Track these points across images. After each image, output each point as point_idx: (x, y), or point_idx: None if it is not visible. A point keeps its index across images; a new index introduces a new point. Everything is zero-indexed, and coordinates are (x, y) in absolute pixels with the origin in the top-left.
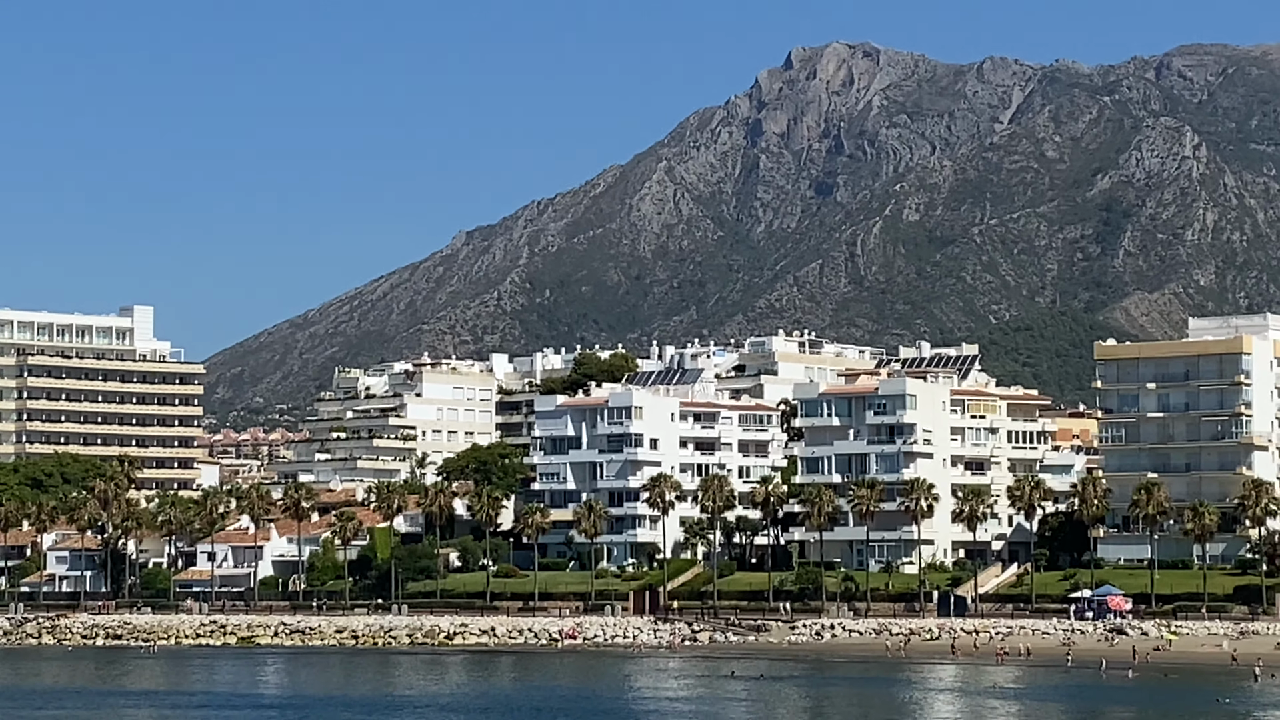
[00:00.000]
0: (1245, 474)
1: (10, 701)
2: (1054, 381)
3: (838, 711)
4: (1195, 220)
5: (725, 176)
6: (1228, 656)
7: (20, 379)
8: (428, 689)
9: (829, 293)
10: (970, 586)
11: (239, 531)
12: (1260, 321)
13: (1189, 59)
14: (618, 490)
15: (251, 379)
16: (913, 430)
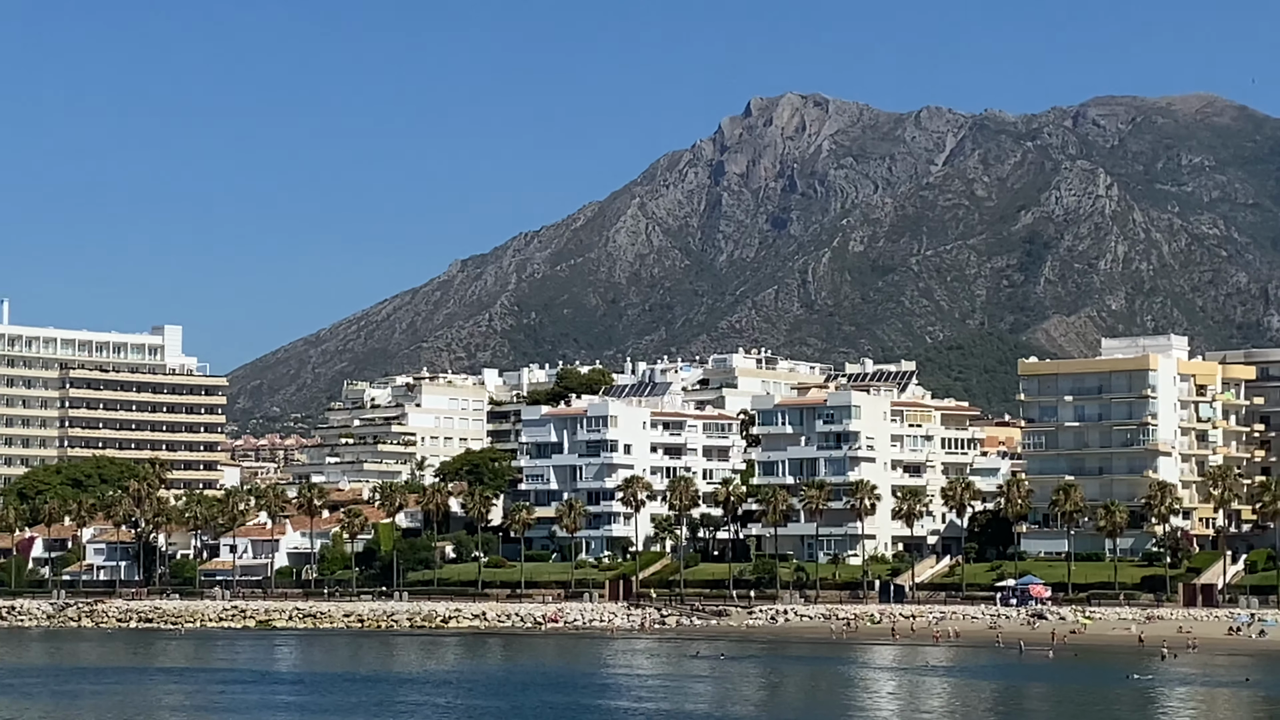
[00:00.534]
0: (1151, 477)
1: (54, 678)
2: (982, 394)
3: (790, 687)
4: (1108, 252)
5: (691, 212)
6: (1136, 639)
7: (63, 390)
8: (426, 667)
9: (783, 315)
10: (908, 576)
11: (258, 526)
12: (1165, 342)
13: (1102, 109)
14: (595, 490)
15: (269, 390)
16: (857, 437)
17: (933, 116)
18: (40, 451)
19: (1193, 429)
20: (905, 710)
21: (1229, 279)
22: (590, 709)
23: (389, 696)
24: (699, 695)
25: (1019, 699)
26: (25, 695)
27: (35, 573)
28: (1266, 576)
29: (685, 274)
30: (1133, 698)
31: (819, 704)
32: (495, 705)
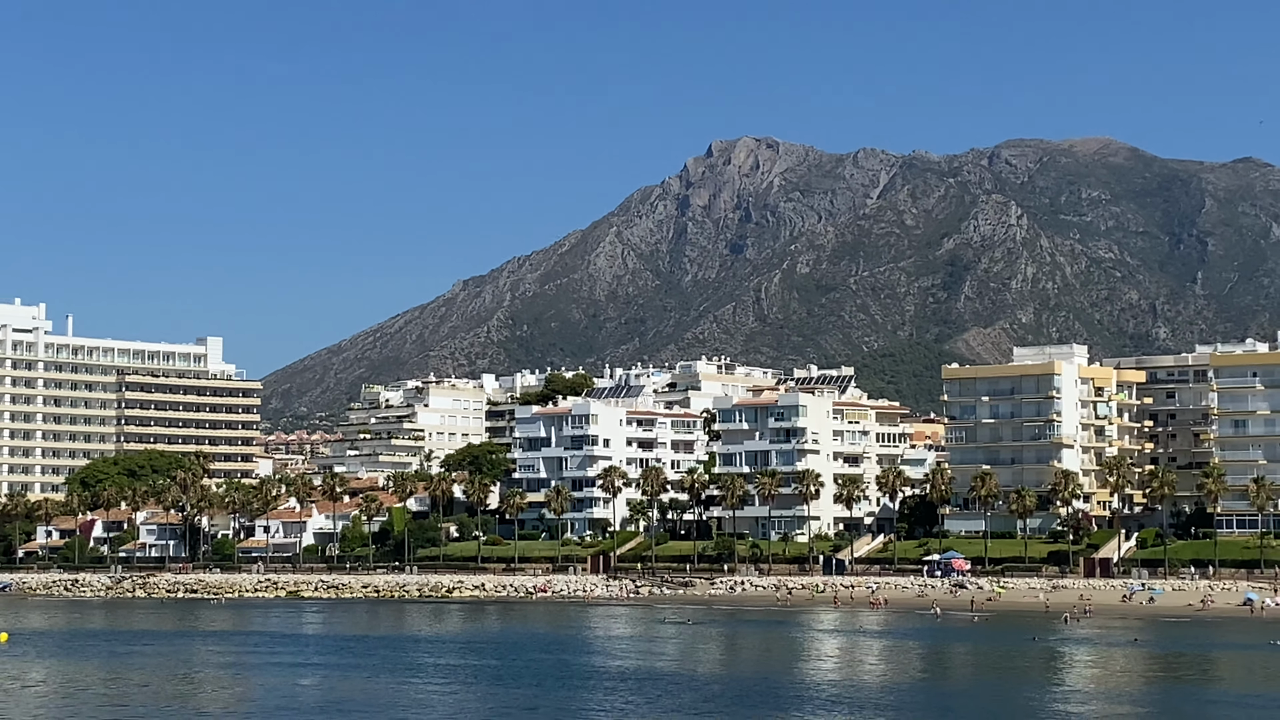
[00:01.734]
0: (1056, 466)
1: (112, 641)
2: (911, 396)
3: (746, 646)
4: (1019, 273)
5: (661, 239)
6: (1043, 605)
7: (119, 393)
8: (432, 630)
9: (740, 327)
10: (848, 552)
11: (288, 510)
12: (1068, 350)
13: (1014, 150)
14: (578, 478)
15: (297, 393)
16: (804, 433)
17: (868, 157)
18: (99, 446)
19: (1091, 425)
20: (845, 666)
21: (1122, 296)
22: (574, 666)
23: (401, 655)
24: (667, 654)
25: (943, 657)
26: (87, 656)
27: (95, 550)
28: (1155, 551)
29: (656, 292)
30: (1040, 655)
31: (771, 660)
32: (492, 663)
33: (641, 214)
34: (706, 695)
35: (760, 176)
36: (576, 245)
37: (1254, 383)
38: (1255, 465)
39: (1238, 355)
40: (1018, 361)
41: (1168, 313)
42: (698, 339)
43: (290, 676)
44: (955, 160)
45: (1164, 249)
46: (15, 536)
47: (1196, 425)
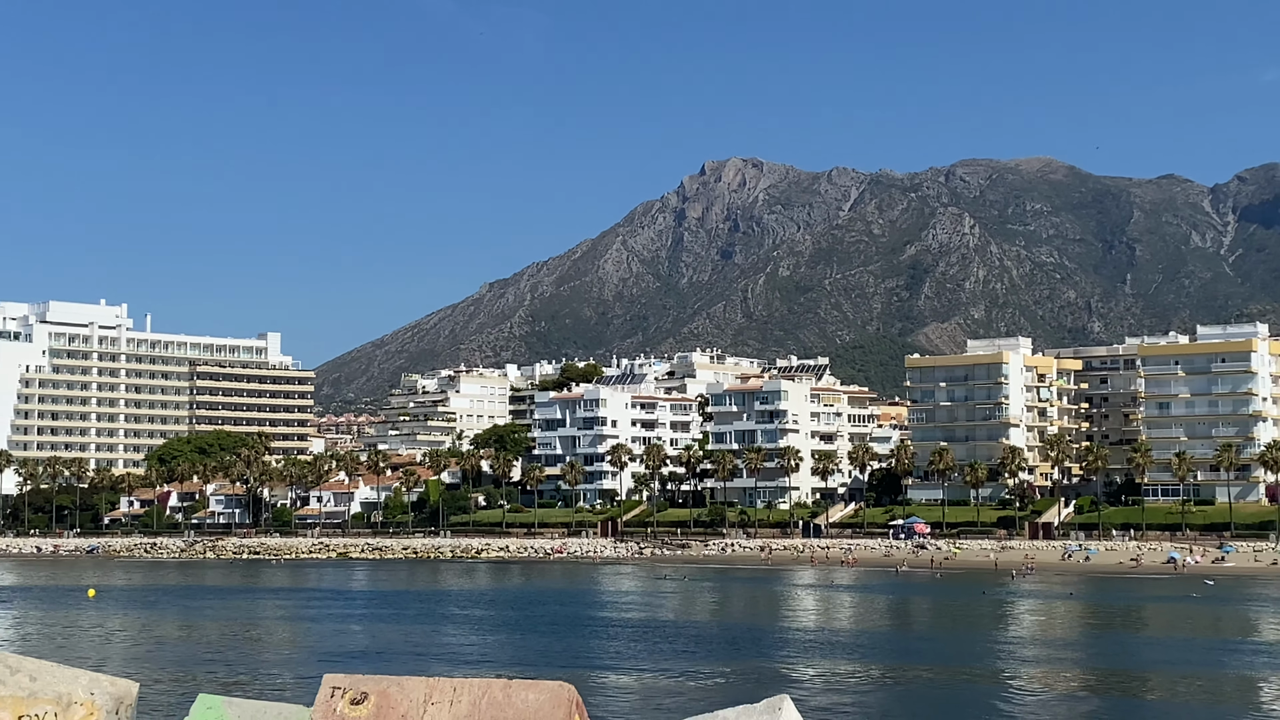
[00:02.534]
0: (1004, 443)
1: (186, 595)
2: (879, 382)
3: (735, 599)
4: (971, 275)
5: (661, 246)
6: (993, 564)
7: (191, 381)
8: (463, 585)
9: (730, 323)
10: (824, 517)
11: (338, 483)
12: (1014, 342)
13: (968, 168)
14: (590, 454)
15: (346, 381)
16: (785, 414)
17: (841, 174)
18: (174, 427)
19: (1035, 407)
20: (821, 616)
21: (1061, 295)
22: (586, 617)
23: (437, 608)
24: (667, 606)
25: (906, 608)
26: (163, 609)
27: (171, 518)
28: (1090, 516)
29: (656, 293)
30: (990, 606)
31: (758, 611)
32: (515, 614)
33: (644, 225)
34: (700, 641)
35: (747, 192)
36: (588, 252)
37: (1176, 370)
38: (1177, 442)
39: (1162, 346)
40: (971, 352)
41: (1101, 309)
42: (693, 333)
43: (340, 625)
44: (916, 177)
45: (1098, 254)
46: (102, 506)
47: (1126, 407)
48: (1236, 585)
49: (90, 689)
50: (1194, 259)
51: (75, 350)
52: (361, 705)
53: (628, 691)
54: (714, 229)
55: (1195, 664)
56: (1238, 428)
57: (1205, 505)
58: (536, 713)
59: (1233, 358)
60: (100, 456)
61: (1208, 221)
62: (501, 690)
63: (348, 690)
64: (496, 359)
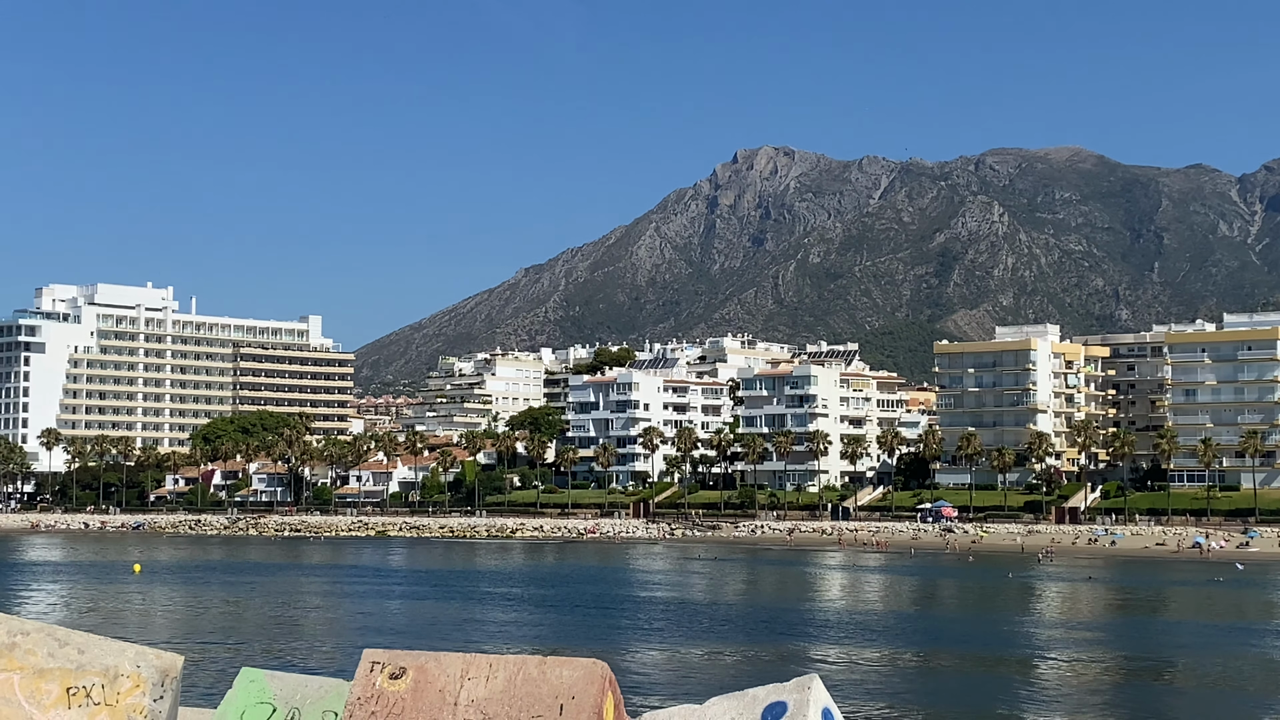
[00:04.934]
0: (1032, 429)
1: (229, 571)
2: (908, 367)
3: (764, 580)
4: (1000, 263)
5: (694, 233)
6: (1019, 547)
7: (235, 363)
8: (498, 564)
9: (761, 308)
10: (852, 500)
11: (377, 462)
12: (1042, 330)
13: (997, 157)
14: (622, 437)
15: (385, 363)
16: (815, 399)
17: (871, 163)
18: (218, 407)
19: (1062, 393)
20: (849, 597)
21: (1090, 283)
22: (618, 596)
23: (472, 585)
24: (698, 586)
25: (934, 590)
26: (207, 584)
27: (214, 496)
28: (1116, 501)
29: (689, 279)
30: (1016, 589)
31: (786, 592)
32: (549, 593)
33: (677, 212)
34: (730, 620)
35: (778, 180)
36: (621, 238)
37: (1203, 358)
38: (1203, 428)
39: (1189, 334)
40: (999, 339)
41: (1129, 297)
42: (724, 319)
43: (379, 601)
44: (946, 166)
45: (1126, 242)
46: (148, 483)
47: (1153, 394)
48: (1261, 570)
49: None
50: (1221, 248)
51: (123, 332)
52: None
53: (659, 668)
54: (746, 216)
55: (1220, 647)
56: (1263, 415)
57: (1230, 491)
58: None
59: (1259, 346)
60: (146, 435)
61: (1235, 211)
62: (536, 666)
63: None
64: (531, 343)
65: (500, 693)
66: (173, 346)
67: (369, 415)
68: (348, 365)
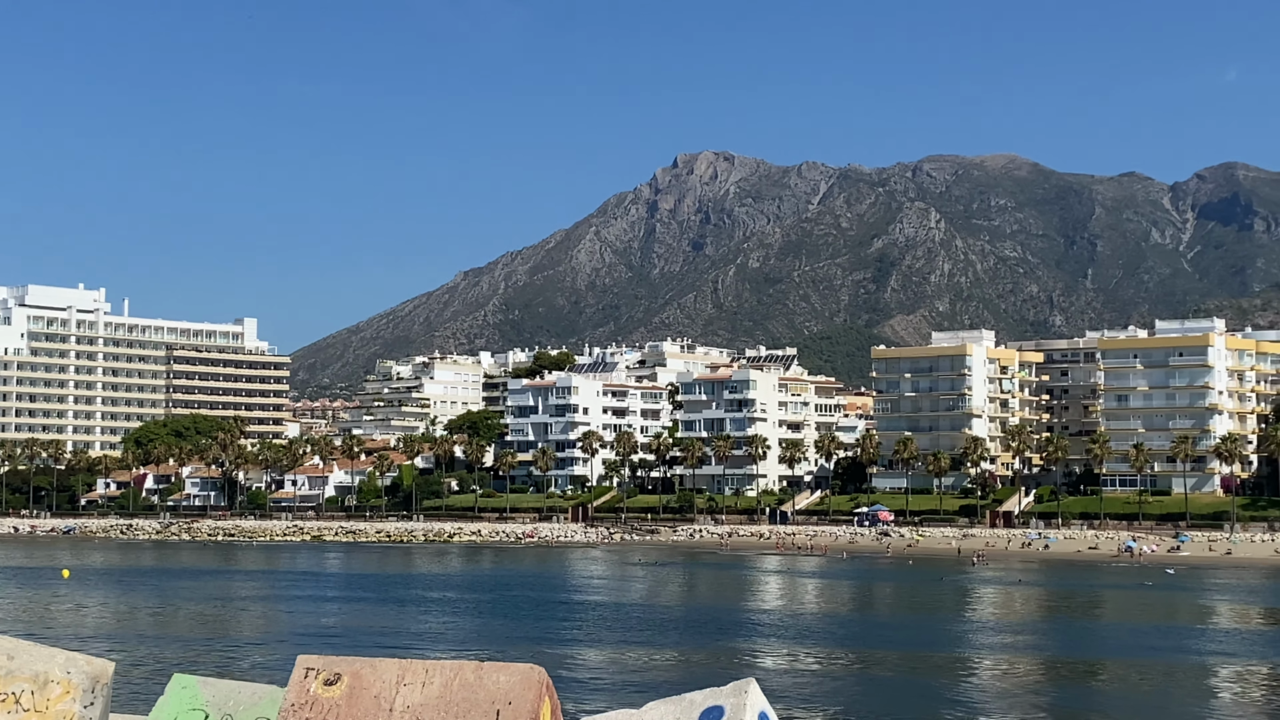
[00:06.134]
0: (967, 433)
1: (161, 576)
2: (845, 372)
3: (702, 584)
4: (937, 269)
5: (634, 237)
6: (955, 550)
7: (168, 365)
8: (435, 569)
9: (700, 313)
10: (790, 504)
11: (313, 467)
12: (978, 335)
13: (934, 164)
14: (561, 441)
15: (321, 366)
16: (754, 403)
17: (810, 169)
18: (151, 410)
19: (997, 398)
20: (787, 601)
21: (1024, 289)
22: (556, 601)
23: (409, 591)
24: (636, 590)
25: (869, 593)
26: (138, 590)
27: (147, 500)
28: (1049, 505)
29: (629, 283)
30: (950, 591)
31: (724, 596)
32: (487, 597)
33: (617, 216)
34: (668, 625)
35: (718, 185)
36: (561, 242)
37: (1134, 363)
38: (1135, 433)
39: (1121, 340)
40: (935, 344)
41: (1062, 303)
42: (664, 323)
43: (314, 607)
44: (884, 172)
45: (1060, 249)
46: (79, 487)
47: (1086, 399)
48: (1191, 574)
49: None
50: (1153, 255)
51: (53, 334)
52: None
53: (597, 673)
54: (685, 220)
55: (1148, 650)
56: (1194, 420)
57: (1162, 495)
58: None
59: (1190, 352)
60: (77, 439)
61: (1167, 218)
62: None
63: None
64: (471, 346)
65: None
66: (105, 349)
67: (305, 419)
68: (283, 368)
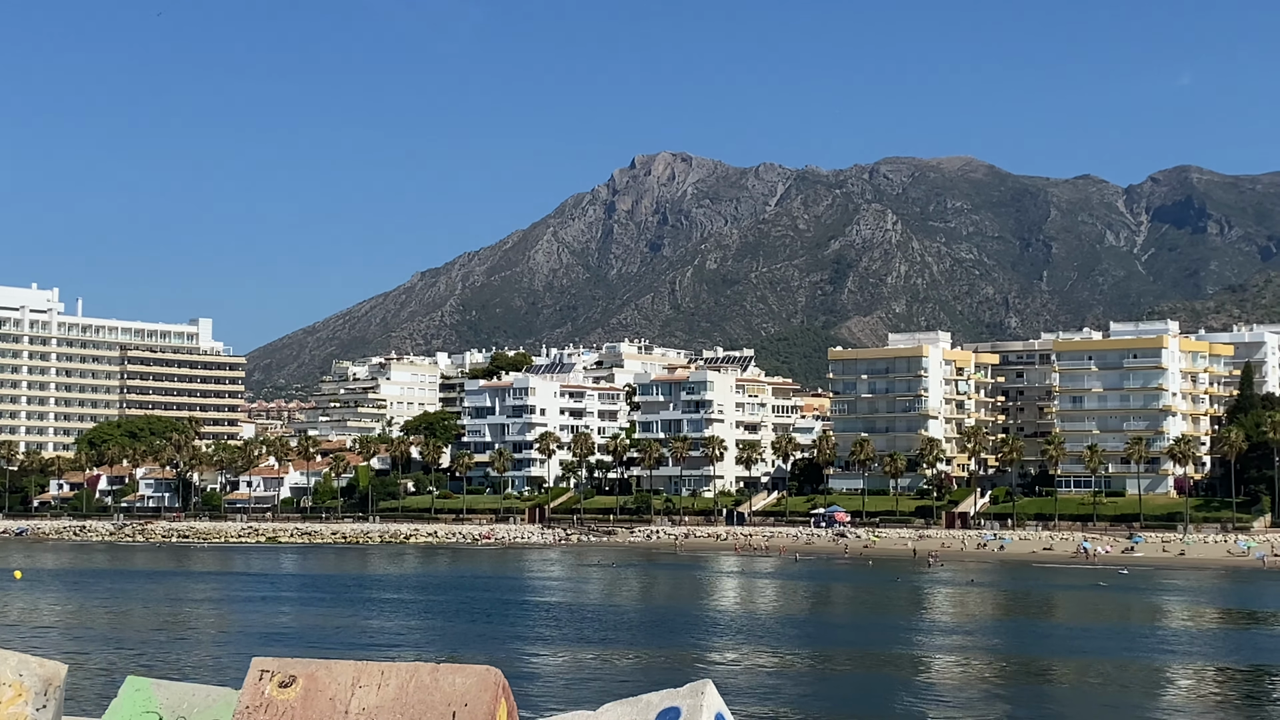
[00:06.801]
0: (923, 434)
1: (115, 578)
2: (802, 373)
3: (660, 585)
4: (893, 270)
5: (591, 238)
6: (910, 551)
7: (122, 366)
8: (392, 571)
9: (658, 314)
10: (747, 505)
11: (268, 468)
12: (934, 336)
13: (891, 166)
14: (519, 442)
15: (277, 367)
16: (711, 404)
17: (768, 170)
18: (105, 411)
19: (953, 399)
20: (743, 601)
21: (980, 291)
22: (514, 602)
23: (365, 592)
24: (593, 591)
25: (826, 594)
26: (91, 591)
27: (100, 501)
28: (1005, 506)
29: (586, 284)
30: (906, 592)
31: (681, 597)
32: (444, 599)
33: (574, 217)
34: (625, 626)
35: (676, 186)
36: (519, 243)
37: (1089, 365)
38: (1089, 435)
39: (1076, 342)
40: (892, 346)
41: (1018, 305)
42: (621, 324)
43: (269, 609)
44: (841, 174)
45: (1015, 251)
46: (31, 489)
47: (1041, 400)
48: (1144, 575)
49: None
50: (1108, 257)
51: (6, 334)
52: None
53: (554, 675)
54: (643, 222)
55: (1100, 650)
56: (1148, 422)
57: (1116, 497)
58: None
59: (1144, 354)
60: (30, 439)
61: (1122, 221)
62: (429, 674)
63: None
64: (427, 347)
65: (392, 700)
66: (58, 349)
67: (260, 420)
68: (239, 369)
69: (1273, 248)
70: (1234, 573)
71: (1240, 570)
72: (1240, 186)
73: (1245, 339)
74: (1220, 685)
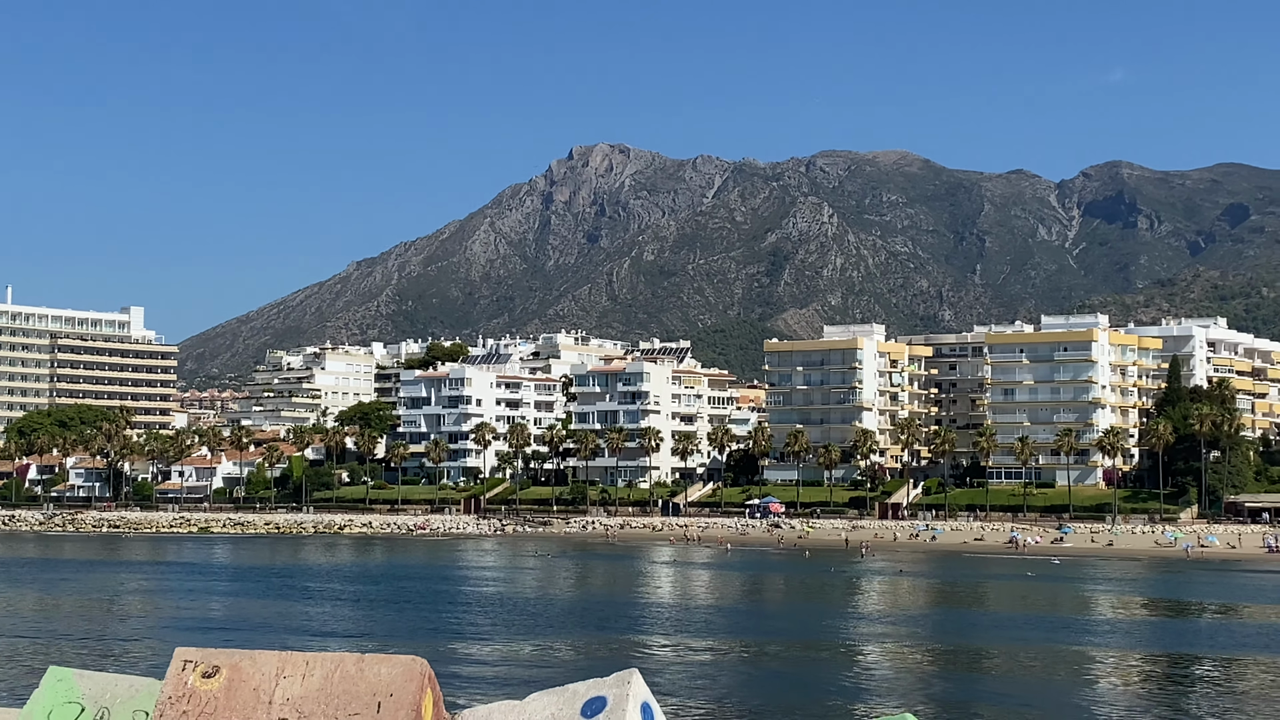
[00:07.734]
0: (857, 426)
1: (44, 568)
2: (738, 365)
3: (594, 576)
4: (829, 263)
5: (529, 229)
6: (844, 541)
7: (52, 354)
8: (325, 561)
9: (595, 305)
10: (683, 496)
11: (200, 457)
12: (869, 329)
13: (828, 159)
14: (454, 433)
15: (210, 356)
16: (647, 396)
17: (705, 162)
18: (35, 400)
19: (887, 391)
20: (679, 591)
21: (914, 284)
22: (449, 592)
23: (298, 583)
24: (527, 582)
25: (760, 584)
26: (20, 582)
27: (30, 491)
28: (937, 497)
29: (523, 275)
30: (839, 583)
31: (616, 587)
32: (378, 590)
33: (512, 207)
34: (556, 616)
35: (614, 177)
36: (455, 233)
37: (1021, 358)
38: (1020, 426)
39: (1008, 335)
40: (827, 338)
41: (951, 298)
42: (558, 315)
43: (201, 600)
44: (778, 167)
45: (949, 245)
46: None
47: (973, 392)
48: (1073, 565)
49: None
50: (1040, 251)
51: None
52: (213, 678)
53: (481, 665)
54: (581, 213)
55: (1028, 639)
56: (1078, 414)
57: (1046, 488)
58: (389, 686)
59: (1074, 347)
60: None
61: (1054, 216)
62: (354, 664)
63: (199, 663)
64: (363, 337)
65: (317, 691)
66: None
67: (193, 409)
68: (171, 358)
69: (1201, 243)
70: (1161, 563)
71: (1167, 560)
72: (1170, 182)
73: (1174, 333)
74: (1143, 671)
